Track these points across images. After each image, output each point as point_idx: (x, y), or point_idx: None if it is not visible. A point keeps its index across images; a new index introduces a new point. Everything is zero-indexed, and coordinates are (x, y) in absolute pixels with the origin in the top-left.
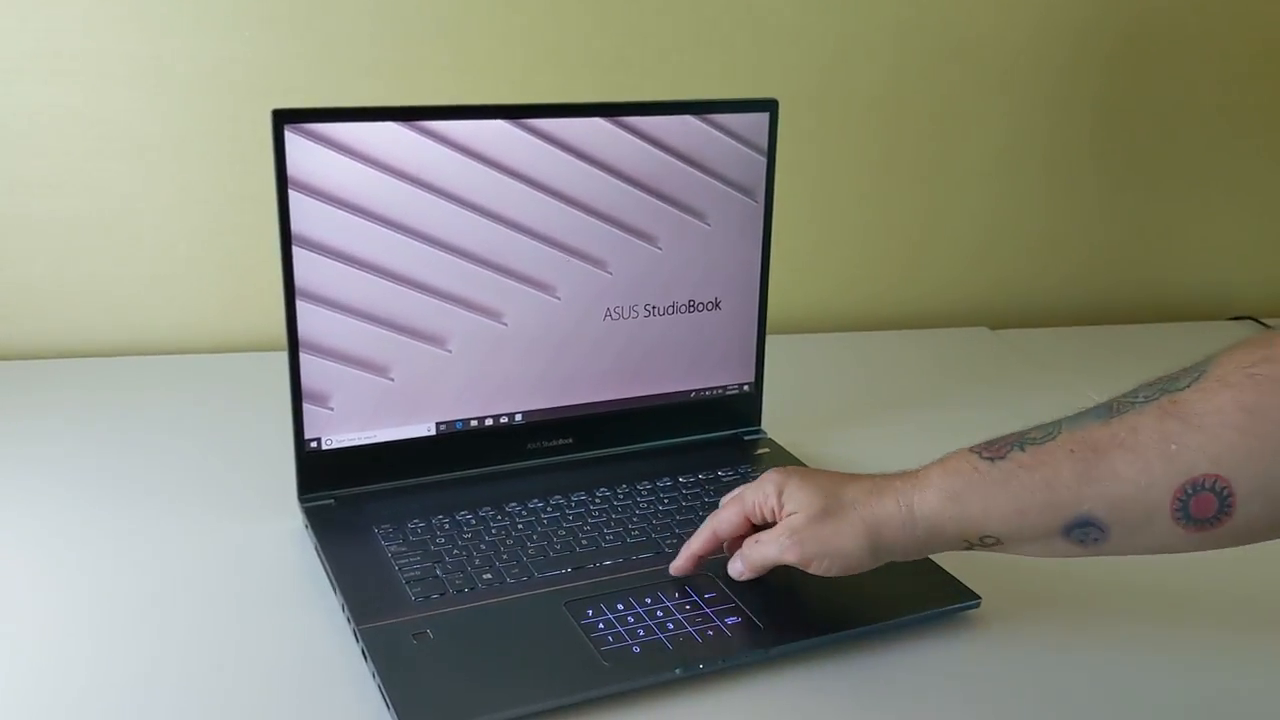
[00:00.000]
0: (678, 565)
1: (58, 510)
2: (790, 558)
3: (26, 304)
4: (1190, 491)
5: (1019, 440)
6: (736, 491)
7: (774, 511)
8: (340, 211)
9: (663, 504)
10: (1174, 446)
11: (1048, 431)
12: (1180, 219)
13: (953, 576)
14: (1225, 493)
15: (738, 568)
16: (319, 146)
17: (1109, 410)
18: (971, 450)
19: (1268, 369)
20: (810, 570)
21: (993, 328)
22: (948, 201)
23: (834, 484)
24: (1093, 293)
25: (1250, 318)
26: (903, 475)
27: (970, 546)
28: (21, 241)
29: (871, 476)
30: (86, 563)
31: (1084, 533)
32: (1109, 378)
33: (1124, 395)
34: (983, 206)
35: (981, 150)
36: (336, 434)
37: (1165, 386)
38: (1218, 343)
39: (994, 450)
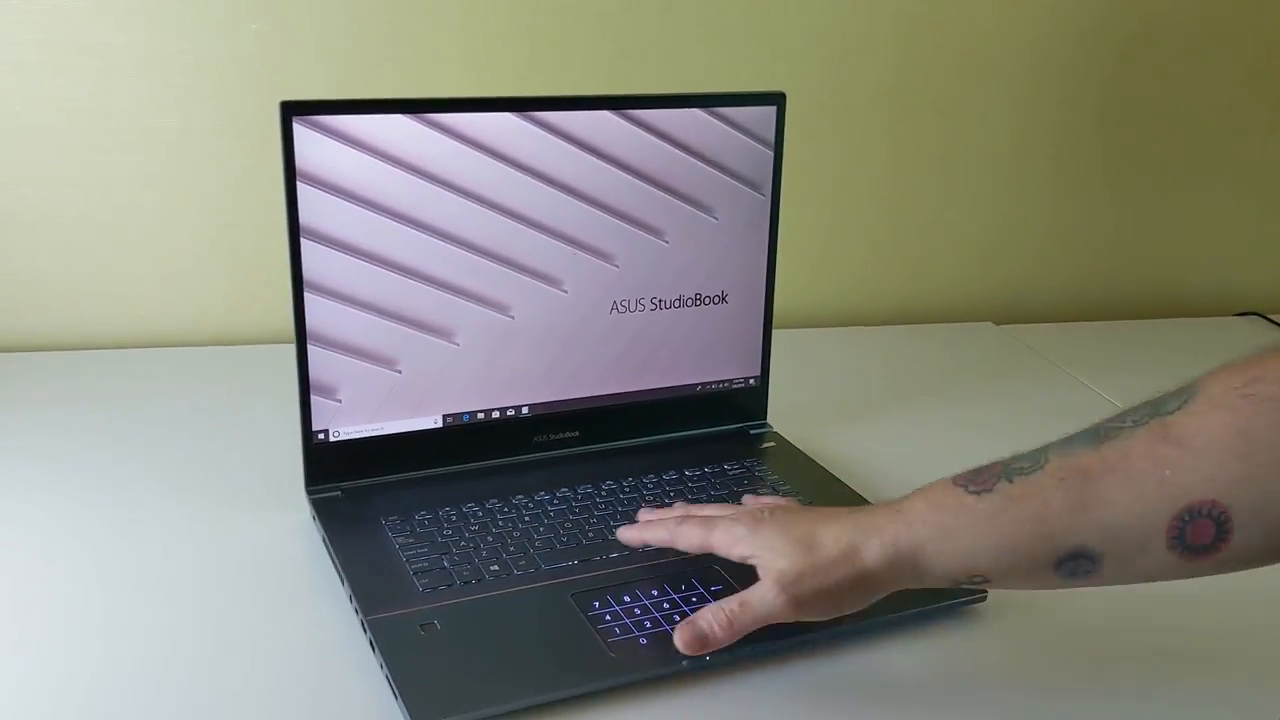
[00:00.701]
0: (629, 536)
1: (65, 503)
2: (785, 615)
3: (33, 297)
4: (1187, 519)
5: (1005, 470)
6: (704, 516)
7: (743, 558)
8: (348, 204)
9: (668, 497)
10: (1168, 472)
11: (1034, 460)
12: (1186, 215)
13: None
14: (1222, 518)
15: (707, 635)
16: (327, 139)
17: (1097, 436)
18: (955, 483)
19: (1260, 389)
20: (798, 618)
21: (998, 323)
22: (954, 197)
23: (811, 526)
24: (1099, 289)
25: (1256, 313)
26: (884, 510)
27: (957, 584)
28: (28, 234)
29: (850, 512)
30: (93, 555)
31: (1076, 565)
32: (1114, 373)
33: (1111, 419)
34: (989, 202)
35: (988, 146)
36: (344, 426)
37: (1154, 410)
38: (1224, 339)
39: (980, 483)
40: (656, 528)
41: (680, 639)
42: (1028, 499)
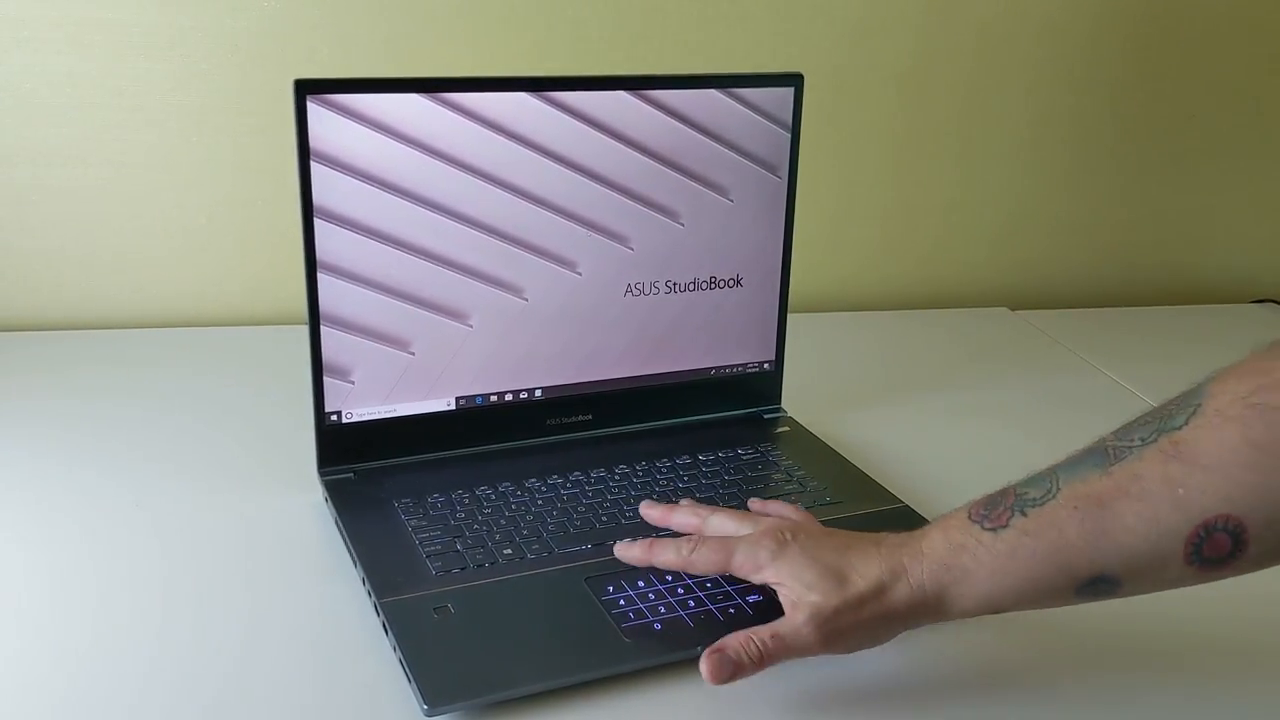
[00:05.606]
0: (633, 555)
1: (79, 483)
2: (816, 651)
3: (47, 275)
4: (1203, 535)
5: (1018, 502)
6: (721, 534)
7: (767, 583)
8: (362, 184)
9: (682, 481)
10: (1181, 491)
11: (1045, 489)
12: (1202, 201)
13: None
14: (1238, 531)
15: (736, 665)
16: (341, 117)
17: (1105, 456)
18: (971, 517)
19: (1266, 397)
20: (826, 653)
21: (1013, 309)
22: (970, 182)
23: (838, 557)
24: (1114, 275)
25: (1273, 300)
26: (907, 548)
27: (974, 616)
28: (42, 212)
29: (873, 544)
30: (107, 535)
31: (1095, 589)
32: (1129, 359)
33: (1118, 437)
34: (1005, 187)
35: (1005, 131)
36: (357, 407)
37: (1161, 425)
38: (1240, 326)
39: (995, 518)
40: (666, 549)
41: (708, 668)
42: (1044, 533)
